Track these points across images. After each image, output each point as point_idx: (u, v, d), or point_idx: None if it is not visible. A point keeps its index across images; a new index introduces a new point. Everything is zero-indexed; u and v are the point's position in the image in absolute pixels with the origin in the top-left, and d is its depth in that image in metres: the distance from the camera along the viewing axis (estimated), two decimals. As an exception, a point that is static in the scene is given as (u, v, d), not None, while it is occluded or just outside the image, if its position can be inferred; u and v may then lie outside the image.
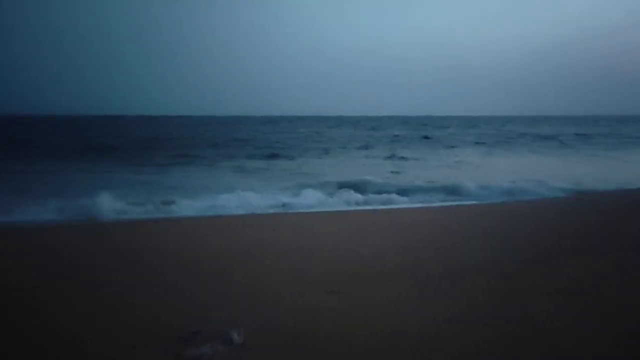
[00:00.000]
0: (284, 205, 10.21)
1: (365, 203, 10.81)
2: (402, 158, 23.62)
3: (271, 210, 9.73)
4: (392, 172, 17.64)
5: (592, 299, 4.51)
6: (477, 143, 35.19)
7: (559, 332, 3.82)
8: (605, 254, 6.03)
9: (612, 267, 5.52)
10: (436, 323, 4.02)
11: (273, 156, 24.16)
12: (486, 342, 3.66)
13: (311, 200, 10.71)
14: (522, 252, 6.15)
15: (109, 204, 9.34)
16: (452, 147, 31.69)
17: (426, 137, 40.90)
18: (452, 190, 12.22)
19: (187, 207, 9.81)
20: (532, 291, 4.75)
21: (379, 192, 11.79)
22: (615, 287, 4.87)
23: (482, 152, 28.34)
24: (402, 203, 10.84)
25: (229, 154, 25.22)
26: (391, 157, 24.40)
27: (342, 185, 12.52)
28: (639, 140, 37.46)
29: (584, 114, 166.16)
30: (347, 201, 10.92)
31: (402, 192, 11.96)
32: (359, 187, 12.45)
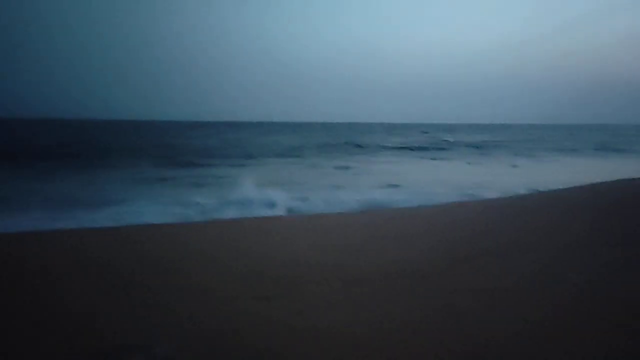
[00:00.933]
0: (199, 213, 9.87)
1: (291, 209, 10.75)
2: (323, 166, 23.81)
3: (176, 220, 9.29)
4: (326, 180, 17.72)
5: (515, 297, 4.70)
6: (401, 148, 36.51)
7: (484, 330, 3.94)
8: (524, 254, 6.32)
9: (532, 266, 5.79)
10: (365, 325, 4.03)
11: (189, 164, 23.27)
12: (413, 343, 3.72)
13: (232, 208, 10.47)
14: (444, 253, 6.32)
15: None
16: (376, 153, 32.46)
17: (348, 144, 41.55)
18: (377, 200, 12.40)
19: (85, 218, 9.18)
20: (455, 290, 4.88)
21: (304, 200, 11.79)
22: (536, 283, 5.10)
23: (406, 158, 29.23)
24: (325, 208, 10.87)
25: (140, 160, 24.06)
26: (315, 165, 24.57)
27: (264, 191, 12.43)
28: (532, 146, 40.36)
29: (504, 122, 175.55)
30: (272, 206, 10.80)
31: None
32: (286, 192, 12.42)
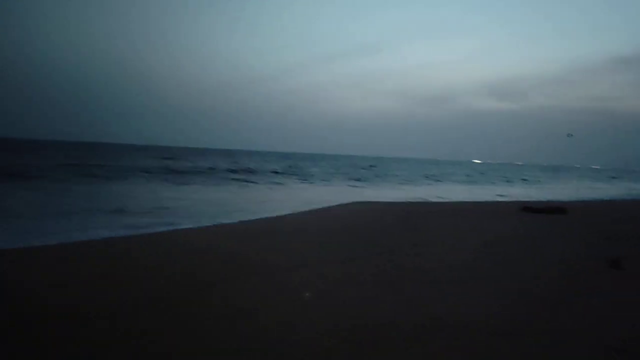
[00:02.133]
0: None
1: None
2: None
3: None
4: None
5: (251, 316, 5.21)
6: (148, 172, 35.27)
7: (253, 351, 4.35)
8: (270, 275, 6.97)
9: (271, 286, 6.45)
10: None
11: None
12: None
13: None
14: (189, 279, 6.62)
15: None
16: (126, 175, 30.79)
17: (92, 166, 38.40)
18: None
19: None
20: (217, 313, 5.26)
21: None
22: (275, 302, 5.71)
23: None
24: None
25: None
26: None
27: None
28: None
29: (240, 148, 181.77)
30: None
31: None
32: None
